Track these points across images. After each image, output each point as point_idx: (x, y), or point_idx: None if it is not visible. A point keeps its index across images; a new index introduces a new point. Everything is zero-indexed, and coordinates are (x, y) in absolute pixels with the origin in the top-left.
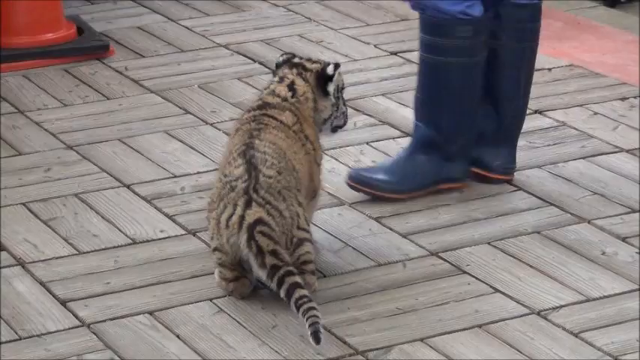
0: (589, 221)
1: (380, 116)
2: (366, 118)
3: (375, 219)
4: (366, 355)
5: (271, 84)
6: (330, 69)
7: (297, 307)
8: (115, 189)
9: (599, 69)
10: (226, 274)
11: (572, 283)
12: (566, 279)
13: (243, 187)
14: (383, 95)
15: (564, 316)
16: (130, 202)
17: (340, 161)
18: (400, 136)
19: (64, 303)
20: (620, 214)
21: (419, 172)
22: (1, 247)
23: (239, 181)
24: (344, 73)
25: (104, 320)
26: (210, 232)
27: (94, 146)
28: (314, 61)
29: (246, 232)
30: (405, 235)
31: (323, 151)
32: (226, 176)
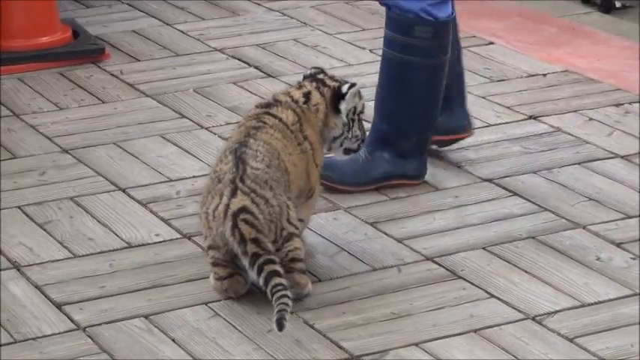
0: (584, 227)
1: None
2: None
3: (371, 224)
4: None
5: (290, 88)
6: (345, 88)
7: (272, 295)
8: (111, 193)
9: (593, 75)
10: (220, 272)
11: (566, 288)
12: (561, 284)
13: (229, 177)
14: None
15: (559, 322)
16: (126, 206)
17: None
18: None
19: (59, 306)
20: (615, 219)
21: (372, 166)
22: None
23: (227, 174)
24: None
25: (99, 324)
26: (202, 229)
27: (89, 150)
28: (335, 80)
29: (231, 220)
30: (400, 240)
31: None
32: (216, 172)
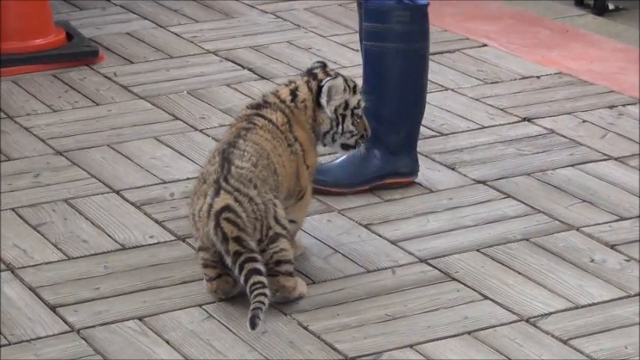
0: (577, 228)
1: None
2: None
3: (365, 226)
4: None
5: (280, 85)
6: (325, 82)
7: (250, 293)
8: (105, 195)
9: (587, 77)
10: (210, 273)
11: (560, 290)
12: (555, 286)
13: (214, 178)
14: None
15: (553, 323)
16: (120, 208)
17: None
18: None
19: (53, 308)
20: (609, 221)
21: (364, 166)
22: None
23: (212, 175)
24: None
25: (94, 326)
26: (192, 231)
27: (83, 152)
28: (328, 74)
29: (213, 220)
30: (394, 242)
31: (317, 156)
32: (203, 173)
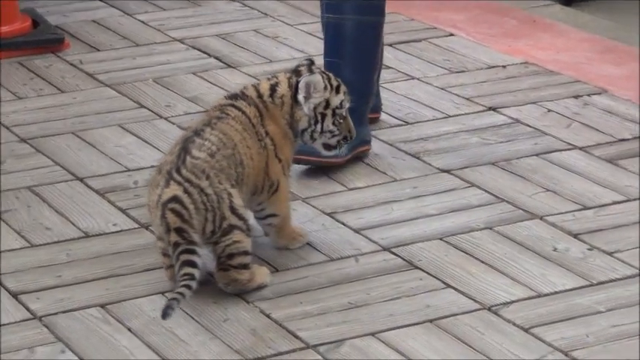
0: (541, 217)
1: None
2: None
3: (328, 214)
4: (318, 350)
5: (263, 79)
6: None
7: (178, 282)
8: (68, 182)
9: (553, 67)
10: (166, 262)
11: (523, 278)
12: (518, 275)
13: (167, 168)
14: None
15: (515, 312)
16: (83, 196)
17: None
18: None
19: (15, 295)
20: (572, 210)
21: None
22: None
23: (167, 165)
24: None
25: (56, 313)
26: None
27: (47, 139)
28: (312, 71)
29: (160, 210)
30: (358, 231)
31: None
32: (161, 164)
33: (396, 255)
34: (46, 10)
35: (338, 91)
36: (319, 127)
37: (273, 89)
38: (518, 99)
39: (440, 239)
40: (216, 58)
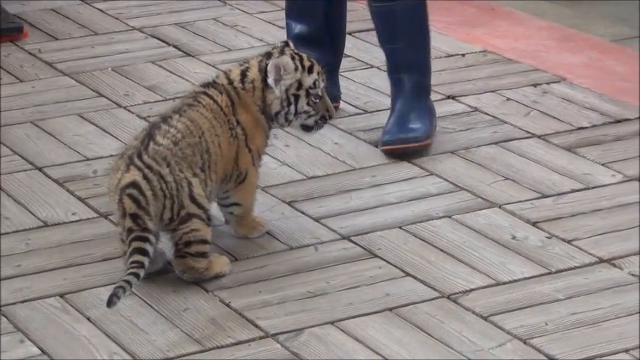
0: (500, 206)
1: None
2: None
3: (288, 203)
4: (277, 338)
5: (234, 65)
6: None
7: (125, 270)
8: (27, 172)
9: (512, 55)
10: (124, 248)
11: (482, 267)
12: (477, 263)
13: (129, 153)
14: None
15: (474, 300)
16: (42, 185)
17: None
18: None
19: None
20: (531, 199)
21: (427, 118)
22: None
23: (130, 150)
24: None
25: (14, 303)
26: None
27: (6, 129)
28: (282, 54)
29: (118, 194)
30: (317, 219)
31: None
32: (126, 148)
33: (356, 244)
34: None
35: (311, 71)
36: (293, 108)
37: (243, 74)
38: (477, 87)
39: (399, 228)
40: (175, 46)
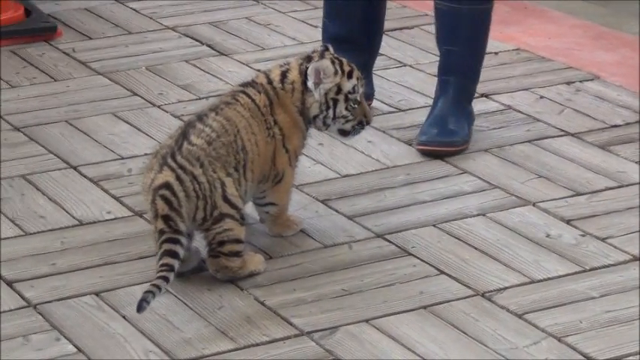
0: (534, 204)
1: None
2: None
3: (322, 201)
4: (312, 336)
5: (275, 65)
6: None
7: (156, 272)
8: (62, 170)
9: (545, 53)
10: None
11: (516, 265)
12: (511, 261)
13: (163, 153)
14: None
15: (508, 298)
16: (77, 184)
17: None
18: None
19: (10, 284)
20: (565, 197)
21: (466, 124)
22: None
23: (164, 149)
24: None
25: (50, 301)
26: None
27: (41, 128)
28: (323, 57)
29: (151, 195)
30: (351, 217)
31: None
32: (161, 147)
33: (390, 242)
34: None
35: (350, 76)
36: (331, 112)
37: (283, 75)
38: (510, 85)
39: (433, 226)
40: (209, 45)
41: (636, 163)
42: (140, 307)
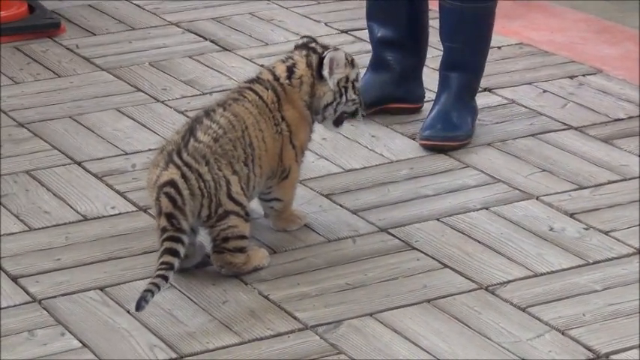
0: (537, 197)
1: None
2: None
3: (326, 196)
4: (316, 330)
5: (277, 61)
6: (326, 54)
7: (155, 270)
8: (66, 166)
9: (548, 47)
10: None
11: (519, 258)
12: (514, 254)
13: (169, 149)
14: None
15: (512, 291)
16: (81, 179)
17: None
18: None
19: (15, 279)
20: (568, 190)
21: (470, 118)
22: None
23: (170, 146)
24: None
25: (55, 296)
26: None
27: (45, 123)
28: (326, 48)
29: (156, 192)
30: (355, 212)
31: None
32: (167, 142)
33: (393, 236)
34: None
35: (353, 65)
36: (344, 98)
37: (290, 70)
38: (513, 80)
39: (437, 220)
40: (212, 41)
41: (639, 156)
42: (139, 306)
